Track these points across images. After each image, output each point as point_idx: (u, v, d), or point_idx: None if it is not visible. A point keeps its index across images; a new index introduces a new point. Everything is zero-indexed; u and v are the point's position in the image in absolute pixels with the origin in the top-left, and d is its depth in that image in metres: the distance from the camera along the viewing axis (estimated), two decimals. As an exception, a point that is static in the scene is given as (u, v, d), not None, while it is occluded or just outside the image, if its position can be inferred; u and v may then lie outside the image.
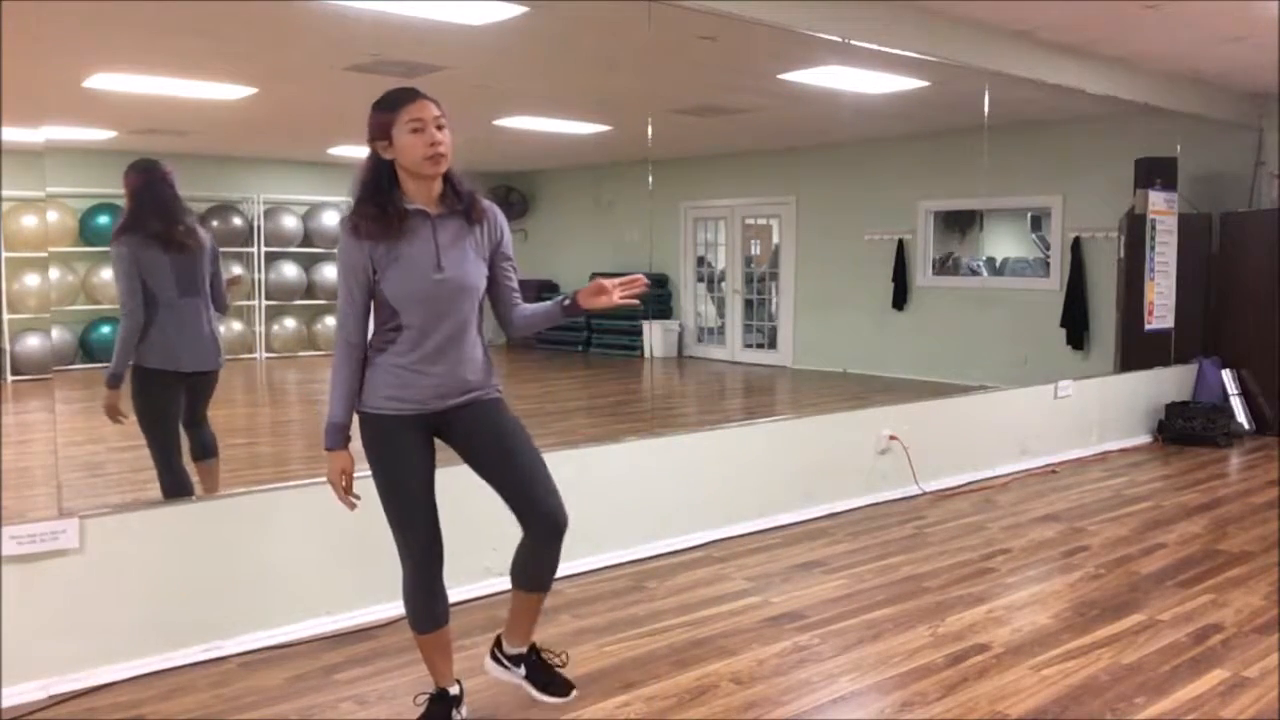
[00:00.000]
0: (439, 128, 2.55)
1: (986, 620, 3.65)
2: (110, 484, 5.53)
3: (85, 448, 6.50)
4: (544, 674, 2.86)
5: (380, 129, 2.56)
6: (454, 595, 3.78)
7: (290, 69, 6.37)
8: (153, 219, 3.92)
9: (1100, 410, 6.93)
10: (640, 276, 2.69)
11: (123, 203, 4.05)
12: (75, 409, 7.96)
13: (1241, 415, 7.52)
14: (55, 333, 9.12)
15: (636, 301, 2.65)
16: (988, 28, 5.60)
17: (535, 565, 2.76)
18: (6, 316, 8.82)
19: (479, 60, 6.07)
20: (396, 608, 3.64)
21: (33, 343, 8.89)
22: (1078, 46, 6.09)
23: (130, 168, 4.02)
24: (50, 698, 2.98)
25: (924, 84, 6.57)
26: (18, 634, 2.96)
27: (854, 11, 4.95)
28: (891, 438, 5.52)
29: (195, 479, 4.14)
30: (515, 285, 2.78)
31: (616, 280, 2.65)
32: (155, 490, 4.79)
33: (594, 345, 12.32)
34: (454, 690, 2.80)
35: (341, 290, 2.62)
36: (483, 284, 2.67)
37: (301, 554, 3.51)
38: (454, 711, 2.79)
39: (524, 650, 2.88)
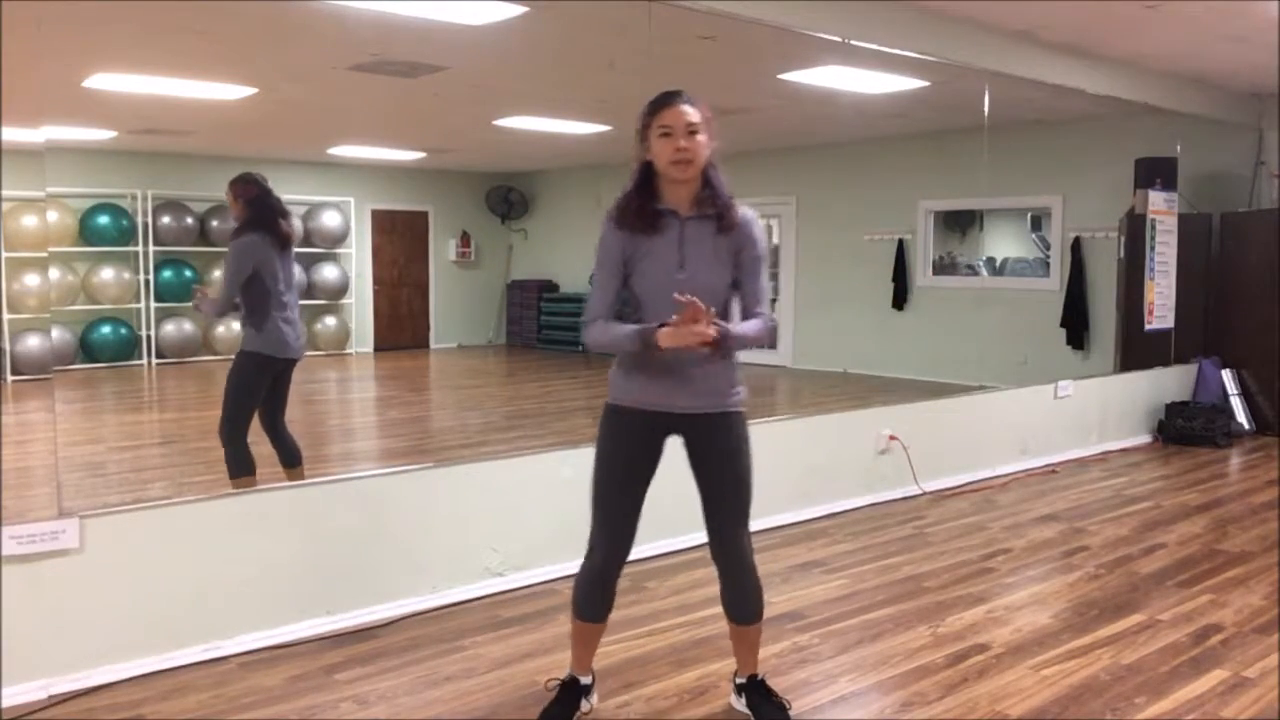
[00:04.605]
0: (691, 134, 2.61)
1: (986, 620, 3.65)
2: (110, 484, 5.53)
3: (85, 448, 6.51)
4: (757, 702, 2.86)
5: (640, 131, 2.68)
6: (454, 595, 3.82)
7: (290, 69, 6.37)
8: (272, 221, 4.51)
9: (1100, 410, 6.93)
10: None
11: (231, 209, 4.62)
12: (75, 409, 7.97)
13: (1241, 415, 7.52)
14: (55, 333, 9.12)
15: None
16: (988, 28, 5.60)
17: (728, 594, 2.85)
18: (6, 316, 8.82)
19: (479, 60, 6.07)
20: (396, 608, 3.66)
21: (33, 343, 8.90)
22: (1078, 46, 6.09)
23: (241, 179, 4.56)
24: (50, 698, 2.98)
25: (924, 84, 6.57)
26: (18, 634, 2.96)
27: (854, 11, 4.94)
28: (891, 438, 5.52)
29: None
30: (751, 301, 2.72)
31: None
32: (155, 490, 4.82)
33: (594, 345, 12.31)
34: (585, 680, 2.87)
35: (595, 277, 2.72)
36: (724, 289, 2.70)
37: (301, 554, 3.51)
38: (583, 699, 2.86)
39: (743, 680, 2.90)
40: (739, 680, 2.92)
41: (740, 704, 2.91)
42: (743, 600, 2.83)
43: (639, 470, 2.74)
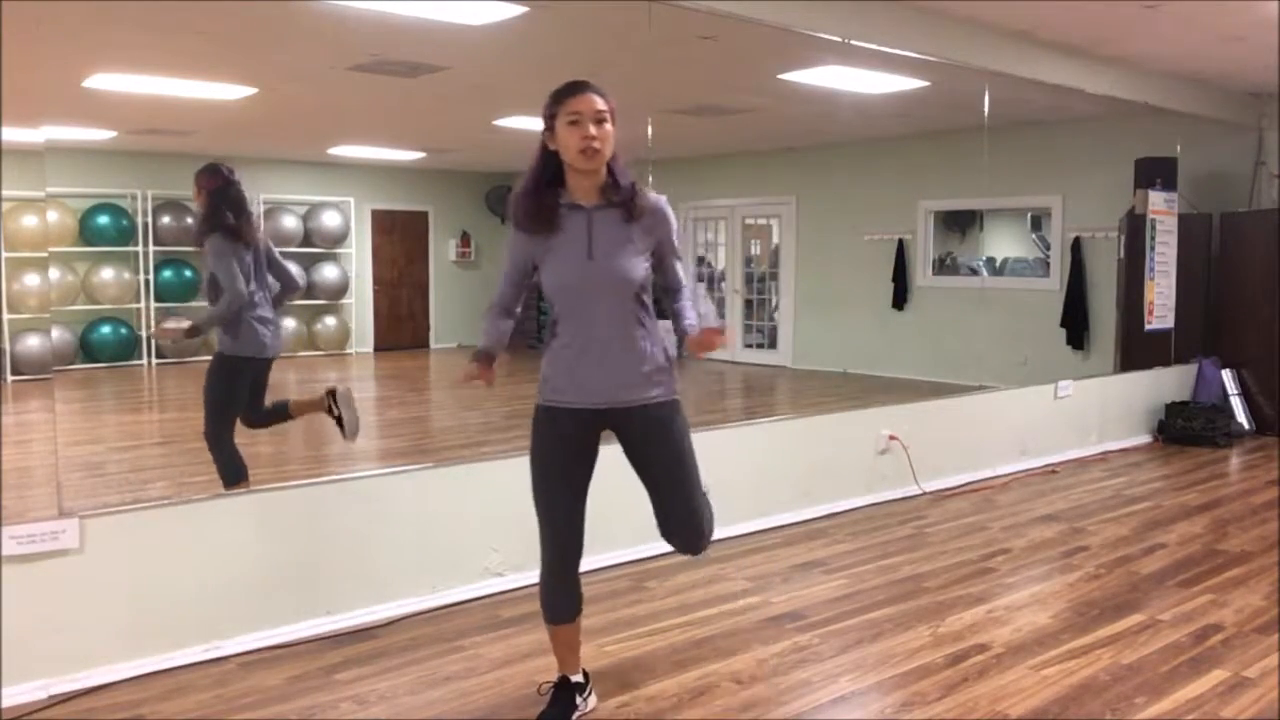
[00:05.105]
0: (599, 122, 2.59)
1: (986, 620, 3.65)
2: (110, 484, 5.53)
3: (85, 448, 6.51)
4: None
5: (546, 120, 2.65)
6: (454, 595, 3.82)
7: (290, 69, 6.37)
8: (232, 216, 4.33)
9: (1100, 410, 6.93)
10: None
11: (195, 203, 4.45)
12: (75, 409, 7.97)
13: (1241, 415, 7.52)
14: (55, 333, 9.13)
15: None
16: (988, 28, 5.60)
17: (679, 550, 2.91)
18: (6, 316, 8.82)
19: (479, 60, 6.07)
20: (396, 607, 3.66)
21: (33, 343, 8.90)
22: (1078, 46, 6.09)
23: (205, 170, 4.38)
24: (50, 698, 2.98)
25: (924, 84, 6.57)
26: (18, 634, 2.96)
27: (854, 11, 4.94)
28: (891, 438, 5.52)
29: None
30: (675, 281, 2.80)
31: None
32: (155, 490, 4.81)
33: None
34: (576, 678, 2.87)
35: (502, 271, 2.77)
36: (638, 276, 2.67)
37: (302, 554, 3.51)
38: (578, 698, 2.85)
39: None
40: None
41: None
42: (694, 551, 2.91)
43: (575, 470, 2.73)
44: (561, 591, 2.77)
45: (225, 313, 4.31)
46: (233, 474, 4.38)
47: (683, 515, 2.78)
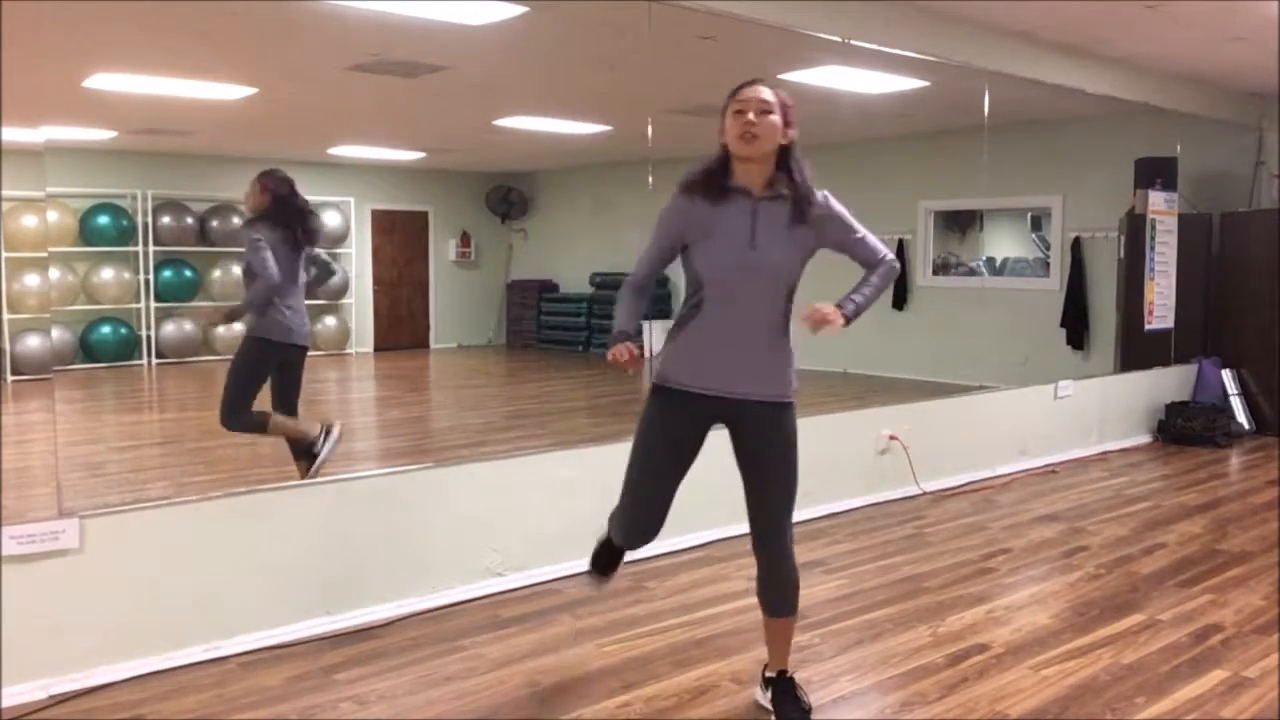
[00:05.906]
0: (763, 112, 2.62)
1: (986, 620, 3.65)
2: (110, 484, 5.53)
3: (85, 448, 6.51)
4: (781, 699, 2.84)
5: (721, 114, 2.70)
6: (454, 595, 3.82)
7: (290, 69, 6.37)
8: (289, 218, 4.63)
9: (1100, 410, 6.93)
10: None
11: (247, 202, 4.74)
12: (75, 409, 7.97)
13: (1241, 415, 7.52)
14: (55, 333, 9.12)
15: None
16: (988, 28, 5.60)
17: (767, 586, 2.83)
18: (6, 316, 8.82)
19: (479, 60, 6.07)
20: (396, 608, 3.66)
21: (33, 343, 8.89)
22: (1078, 46, 6.09)
23: (272, 173, 4.70)
24: (50, 698, 2.98)
25: (924, 84, 6.57)
26: (18, 634, 2.96)
27: (854, 11, 4.95)
28: (891, 438, 5.52)
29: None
30: (867, 250, 2.86)
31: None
32: (155, 490, 4.82)
33: (594, 345, 12.32)
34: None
35: (650, 241, 2.75)
36: (795, 273, 2.72)
37: (301, 554, 3.51)
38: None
39: (772, 675, 2.90)
40: (768, 674, 2.92)
41: (764, 698, 2.91)
42: (781, 592, 2.82)
43: (680, 458, 2.73)
44: (617, 562, 3.02)
45: (258, 301, 4.60)
46: (257, 427, 4.63)
47: (777, 524, 2.78)
